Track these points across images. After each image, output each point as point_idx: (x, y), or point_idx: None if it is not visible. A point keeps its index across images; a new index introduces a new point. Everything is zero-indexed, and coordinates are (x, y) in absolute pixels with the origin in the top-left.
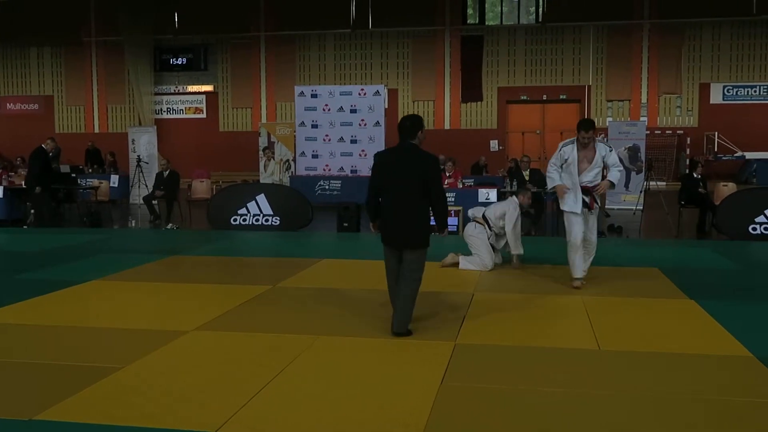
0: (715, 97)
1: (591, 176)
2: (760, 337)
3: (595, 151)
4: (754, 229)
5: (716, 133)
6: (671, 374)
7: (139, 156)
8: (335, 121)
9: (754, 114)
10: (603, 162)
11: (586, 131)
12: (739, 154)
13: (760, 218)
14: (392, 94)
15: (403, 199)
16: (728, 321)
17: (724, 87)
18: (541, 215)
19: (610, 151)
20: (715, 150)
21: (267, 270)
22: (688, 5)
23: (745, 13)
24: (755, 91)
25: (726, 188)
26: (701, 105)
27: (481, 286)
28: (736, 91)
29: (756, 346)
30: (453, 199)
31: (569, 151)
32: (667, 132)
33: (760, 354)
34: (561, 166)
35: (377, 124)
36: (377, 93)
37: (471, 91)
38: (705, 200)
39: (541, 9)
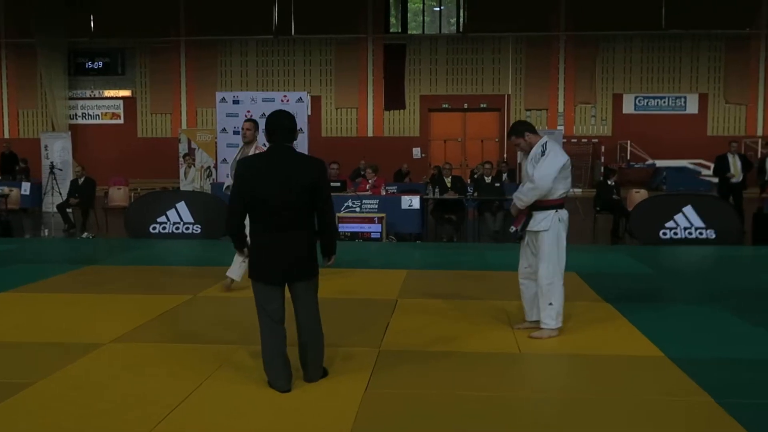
0: (628, 107)
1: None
2: (670, 338)
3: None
4: (665, 233)
5: (629, 141)
6: (590, 375)
7: (52, 162)
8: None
9: (663, 124)
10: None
11: (509, 137)
12: (650, 162)
13: (670, 223)
14: (315, 101)
15: (288, 218)
16: (642, 323)
17: (636, 98)
18: (463, 222)
19: (542, 155)
20: (628, 158)
21: (188, 279)
22: (602, 19)
23: (654, 28)
24: (664, 102)
25: (638, 195)
26: (614, 115)
27: (404, 292)
28: (647, 102)
29: (667, 346)
30: (377, 206)
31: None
32: (583, 140)
33: (671, 354)
34: None
35: (300, 131)
36: (300, 100)
37: (394, 99)
38: (619, 206)
39: (462, 19)
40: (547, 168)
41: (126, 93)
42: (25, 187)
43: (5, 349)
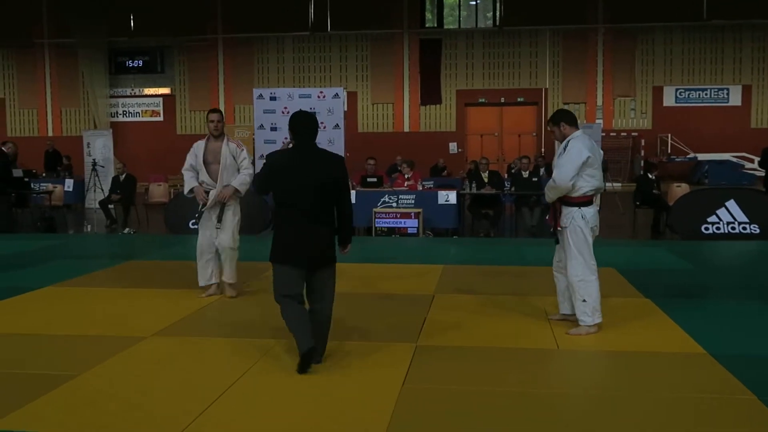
0: (668, 99)
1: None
2: (713, 335)
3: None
4: (707, 228)
5: (669, 135)
6: (630, 372)
7: (94, 160)
8: None
9: (705, 116)
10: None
11: (547, 125)
12: (692, 155)
13: (712, 218)
14: (351, 97)
15: (312, 209)
16: (683, 319)
17: (677, 90)
18: (500, 217)
19: (564, 150)
20: (669, 152)
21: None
22: (641, 10)
23: (696, 18)
24: (706, 94)
25: (679, 189)
26: (654, 107)
27: (441, 287)
28: (688, 94)
29: (710, 343)
30: (413, 202)
31: None
32: (622, 134)
33: (714, 351)
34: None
35: (336, 126)
36: (336, 96)
37: (430, 94)
38: (659, 201)
39: (498, 13)
40: (564, 166)
41: (165, 91)
42: (69, 184)
43: (49, 342)
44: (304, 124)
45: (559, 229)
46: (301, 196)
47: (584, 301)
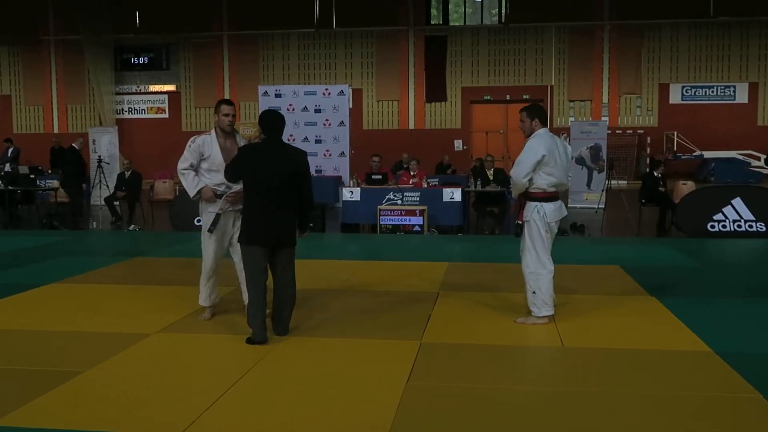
0: (674, 97)
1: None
2: (718, 333)
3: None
4: (713, 226)
5: (675, 132)
6: (634, 370)
7: (99, 156)
8: (299, 121)
9: (711, 114)
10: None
11: (521, 111)
12: (698, 153)
13: (718, 216)
14: (356, 94)
15: (279, 196)
16: (688, 317)
17: (683, 87)
18: (505, 214)
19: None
20: (675, 149)
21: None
22: (648, 7)
23: (702, 15)
24: (713, 92)
25: (685, 187)
26: (661, 105)
27: (446, 285)
28: (695, 92)
29: (715, 341)
30: (418, 199)
31: None
32: (628, 131)
33: (719, 349)
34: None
35: (342, 124)
36: (341, 93)
37: (435, 91)
38: (665, 199)
39: (504, 10)
40: (520, 164)
41: (171, 88)
42: None
43: (54, 339)
44: (272, 121)
45: (520, 222)
46: (268, 185)
47: (534, 293)
